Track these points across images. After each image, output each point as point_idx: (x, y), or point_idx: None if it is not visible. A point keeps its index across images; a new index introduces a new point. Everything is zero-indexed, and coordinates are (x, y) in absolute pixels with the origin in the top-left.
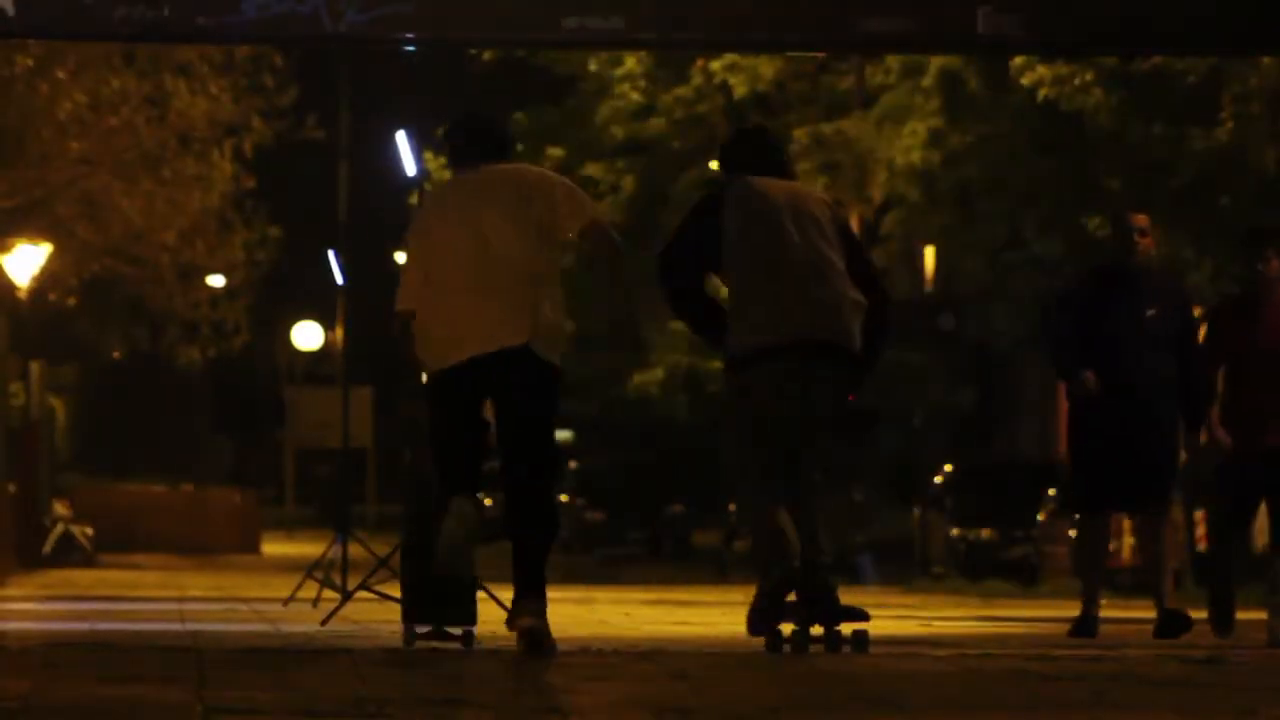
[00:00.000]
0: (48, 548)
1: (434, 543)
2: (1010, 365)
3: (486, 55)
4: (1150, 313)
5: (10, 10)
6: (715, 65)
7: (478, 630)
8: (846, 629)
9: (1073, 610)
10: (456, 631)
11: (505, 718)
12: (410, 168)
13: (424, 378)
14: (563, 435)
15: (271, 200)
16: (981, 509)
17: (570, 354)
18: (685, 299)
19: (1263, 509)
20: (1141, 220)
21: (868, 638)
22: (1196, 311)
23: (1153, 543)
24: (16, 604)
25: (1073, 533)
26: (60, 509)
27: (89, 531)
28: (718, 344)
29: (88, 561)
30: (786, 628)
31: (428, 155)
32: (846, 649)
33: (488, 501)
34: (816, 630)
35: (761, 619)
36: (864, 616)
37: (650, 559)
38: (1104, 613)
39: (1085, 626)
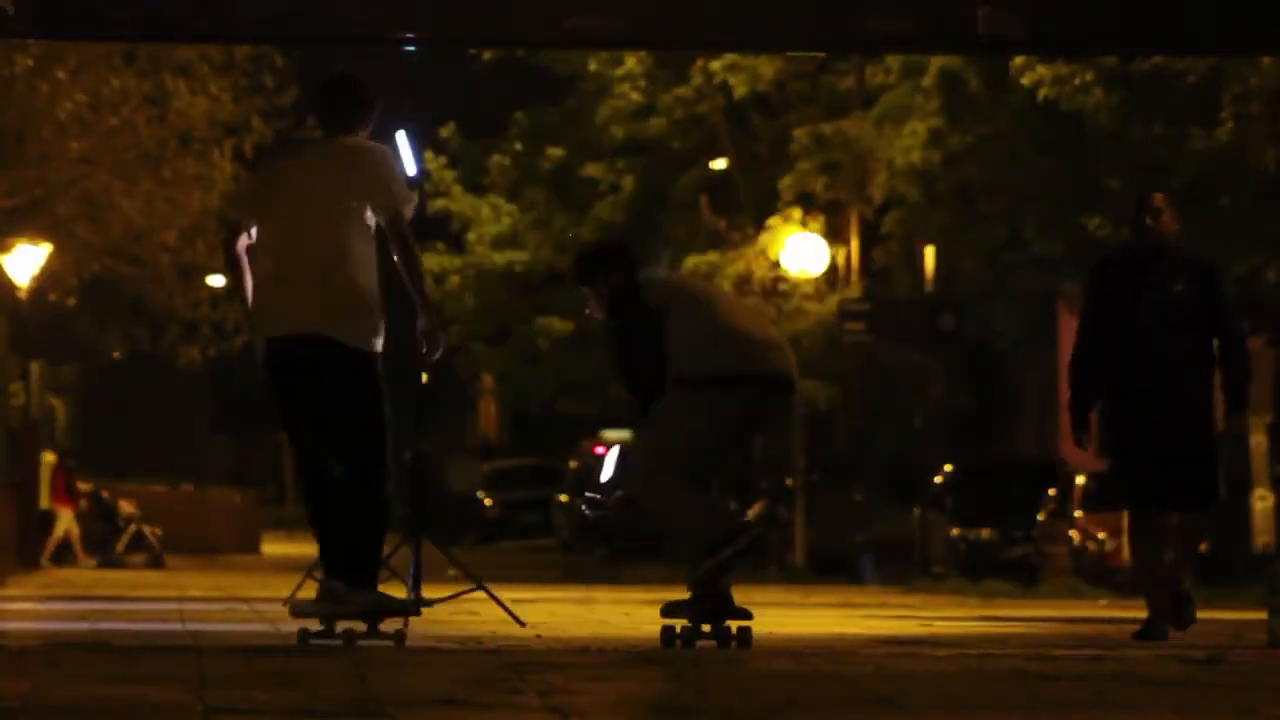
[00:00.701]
0: (121, 547)
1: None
2: (1010, 365)
3: (486, 55)
4: (1176, 289)
5: (10, 10)
6: (715, 65)
7: (479, 631)
8: (733, 626)
9: (1073, 610)
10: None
11: (505, 718)
12: (410, 168)
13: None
14: (625, 435)
15: None
16: (981, 509)
17: (570, 354)
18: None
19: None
20: (1157, 200)
21: (751, 634)
22: None
23: (1187, 541)
24: (16, 604)
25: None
26: (128, 508)
27: (157, 531)
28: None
29: (156, 562)
30: (679, 623)
31: (428, 155)
32: (733, 644)
33: (487, 501)
34: (705, 627)
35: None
36: (748, 615)
37: (650, 559)
38: (1103, 613)
39: (1153, 631)
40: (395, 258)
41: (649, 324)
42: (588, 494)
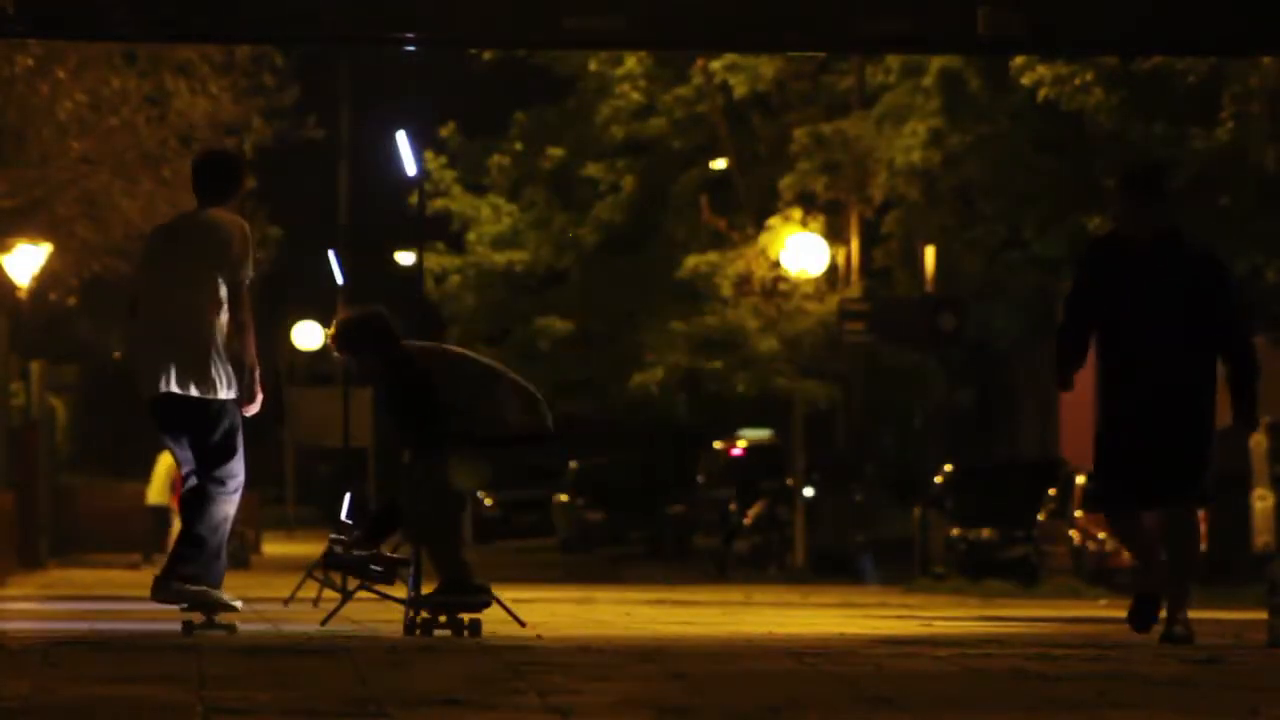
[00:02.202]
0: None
1: None
2: (1010, 365)
3: (486, 55)
4: (1164, 282)
5: (10, 10)
6: (715, 65)
7: (483, 631)
8: (466, 617)
9: (1073, 610)
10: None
11: (505, 718)
12: (410, 168)
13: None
14: (763, 434)
15: (271, 200)
16: (981, 509)
17: (570, 354)
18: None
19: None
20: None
21: (481, 625)
22: None
23: (1179, 539)
24: (16, 604)
25: (1071, 533)
26: None
27: (250, 533)
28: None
29: (243, 562)
30: (423, 615)
31: (428, 155)
32: (466, 633)
33: (487, 501)
34: (441, 618)
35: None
36: (479, 608)
37: (650, 559)
38: (1104, 612)
39: (1142, 615)
40: (231, 319)
41: (423, 387)
42: (332, 536)
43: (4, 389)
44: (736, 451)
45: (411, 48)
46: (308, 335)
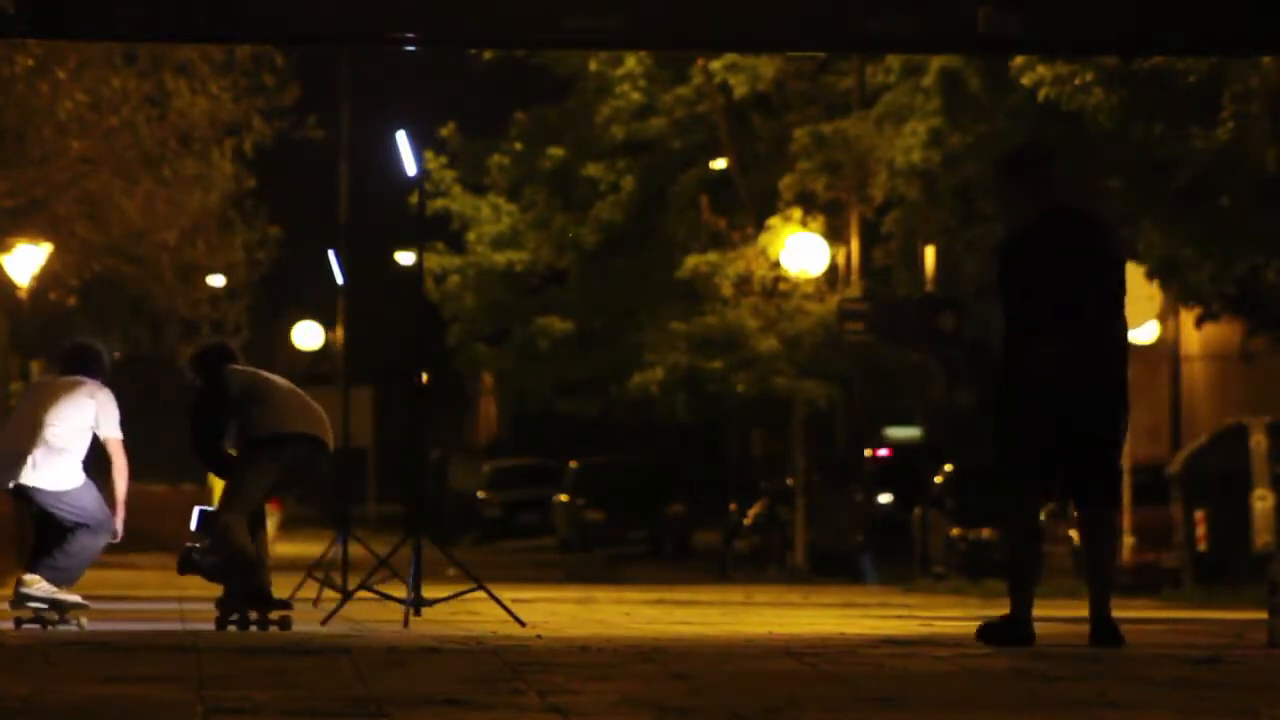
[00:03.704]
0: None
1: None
2: None
3: (486, 55)
4: (1066, 265)
5: (10, 10)
6: (715, 65)
7: (479, 631)
8: (275, 614)
9: (1073, 610)
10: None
11: (505, 718)
12: (410, 168)
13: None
14: (911, 434)
15: (271, 200)
16: (981, 509)
17: (571, 354)
18: (214, 452)
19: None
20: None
21: (290, 621)
22: (1196, 311)
23: (1099, 539)
24: None
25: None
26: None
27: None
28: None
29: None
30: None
31: (428, 155)
32: (274, 629)
33: (488, 501)
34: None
35: (230, 612)
36: (288, 606)
37: (650, 559)
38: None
39: (1014, 631)
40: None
41: (217, 406)
42: (187, 544)
43: (4, 389)
44: (883, 453)
45: (411, 48)
46: (308, 335)
